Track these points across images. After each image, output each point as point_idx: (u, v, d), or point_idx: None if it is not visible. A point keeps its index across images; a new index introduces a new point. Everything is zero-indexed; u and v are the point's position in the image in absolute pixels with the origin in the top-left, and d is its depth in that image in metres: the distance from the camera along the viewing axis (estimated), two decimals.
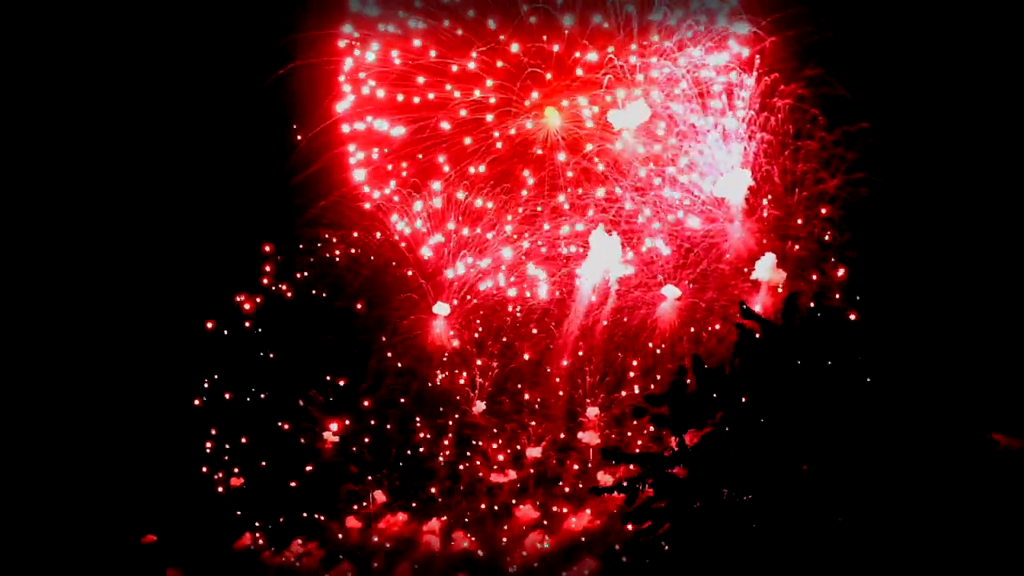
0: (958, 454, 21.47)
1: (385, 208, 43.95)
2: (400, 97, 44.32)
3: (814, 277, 41.44)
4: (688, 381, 21.96)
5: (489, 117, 43.32)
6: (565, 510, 39.95)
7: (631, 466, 23.01)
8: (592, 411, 41.73)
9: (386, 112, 44.28)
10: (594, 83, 42.82)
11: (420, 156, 43.94)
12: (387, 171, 44.21)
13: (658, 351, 42.03)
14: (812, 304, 21.11)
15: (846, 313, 22.03)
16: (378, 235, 43.96)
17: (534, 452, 41.61)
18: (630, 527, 21.61)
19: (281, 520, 40.65)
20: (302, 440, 41.72)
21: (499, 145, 43.34)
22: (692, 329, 42.02)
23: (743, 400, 21.43)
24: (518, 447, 41.84)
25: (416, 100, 44.09)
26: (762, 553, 20.73)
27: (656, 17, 43.13)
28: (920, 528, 20.63)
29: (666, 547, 21.72)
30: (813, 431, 20.78)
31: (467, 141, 43.56)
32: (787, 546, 20.67)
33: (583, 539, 38.39)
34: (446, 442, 42.07)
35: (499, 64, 43.36)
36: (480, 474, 41.52)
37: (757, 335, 21.18)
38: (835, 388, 21.10)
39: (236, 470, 41.45)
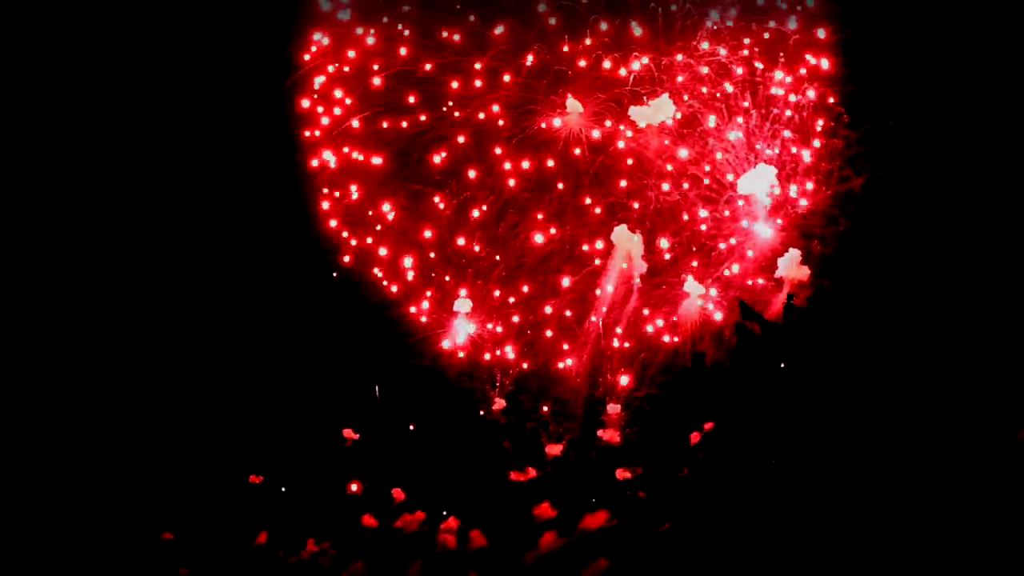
0: (978, 451, 21.24)
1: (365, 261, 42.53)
2: (385, 124, 42.44)
3: (837, 274, 41.10)
4: (690, 381, 21.94)
5: (498, 151, 42.55)
6: (582, 509, 39.73)
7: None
8: (613, 408, 41.52)
9: (366, 140, 42.66)
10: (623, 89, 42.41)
11: (410, 195, 42.49)
12: (368, 215, 42.61)
13: (680, 349, 41.76)
14: (814, 303, 20.91)
15: (853, 312, 21.80)
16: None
17: (554, 450, 41.49)
18: (631, 526, 21.57)
19: (296, 520, 40.59)
20: (320, 439, 41.80)
21: (511, 182, 42.58)
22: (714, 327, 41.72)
23: (743, 399, 21.36)
24: (538, 445, 41.74)
25: (404, 125, 42.70)
26: (763, 553, 20.68)
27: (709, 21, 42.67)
28: (924, 526, 20.43)
29: (667, 545, 21.75)
30: (814, 430, 20.67)
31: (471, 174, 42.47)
32: (788, 546, 20.59)
33: (597, 538, 38.15)
34: (466, 440, 42.01)
35: (506, 78, 42.82)
36: (499, 472, 41.45)
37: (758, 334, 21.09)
38: (837, 386, 20.95)
39: (253, 468, 41.60)
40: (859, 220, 41.69)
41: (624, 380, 41.35)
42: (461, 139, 42.74)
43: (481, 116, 42.85)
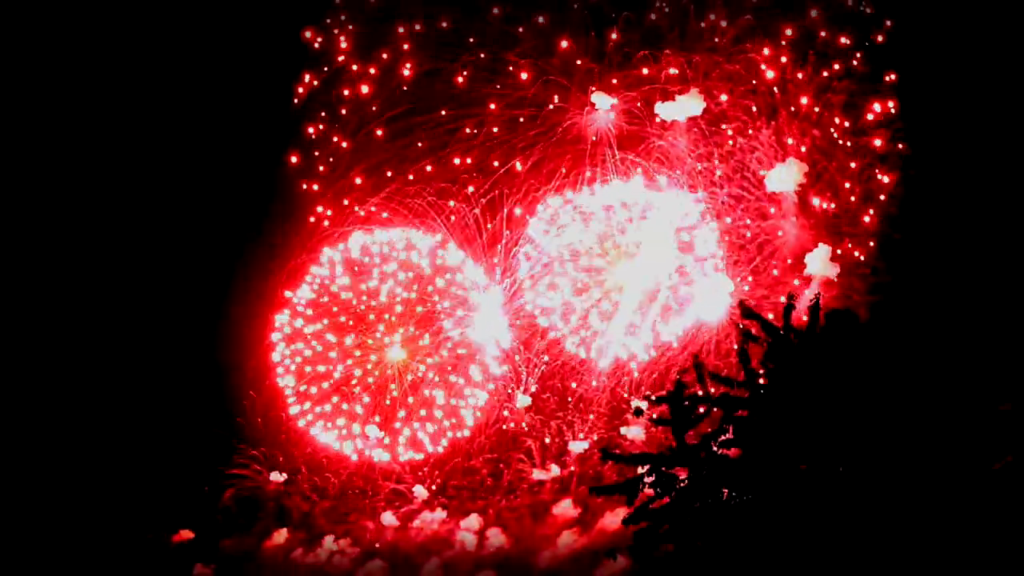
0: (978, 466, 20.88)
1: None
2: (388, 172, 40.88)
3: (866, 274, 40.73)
4: (690, 381, 21.80)
5: (517, 211, 41.54)
6: (602, 508, 39.47)
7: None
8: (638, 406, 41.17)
9: (369, 191, 41.37)
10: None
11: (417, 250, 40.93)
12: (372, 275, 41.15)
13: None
14: (816, 306, 20.62)
15: (859, 316, 21.43)
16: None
17: (577, 448, 41.21)
18: (630, 527, 21.44)
19: (313, 519, 40.54)
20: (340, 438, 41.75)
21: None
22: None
23: (744, 400, 21.16)
24: (562, 443, 41.51)
25: (411, 177, 41.26)
26: (763, 554, 20.50)
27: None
28: (923, 530, 20.15)
29: (665, 547, 21.58)
30: (815, 433, 20.44)
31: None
32: (788, 547, 20.40)
33: (616, 537, 37.89)
34: (489, 439, 41.86)
35: (520, 119, 41.94)
36: (523, 471, 41.27)
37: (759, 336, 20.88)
38: (838, 390, 20.70)
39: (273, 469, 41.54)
40: (890, 219, 41.29)
41: (648, 378, 41.22)
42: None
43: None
